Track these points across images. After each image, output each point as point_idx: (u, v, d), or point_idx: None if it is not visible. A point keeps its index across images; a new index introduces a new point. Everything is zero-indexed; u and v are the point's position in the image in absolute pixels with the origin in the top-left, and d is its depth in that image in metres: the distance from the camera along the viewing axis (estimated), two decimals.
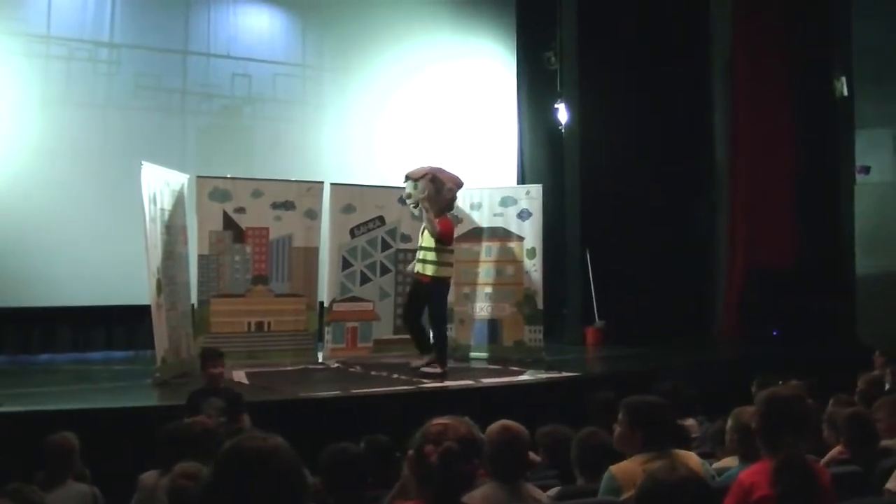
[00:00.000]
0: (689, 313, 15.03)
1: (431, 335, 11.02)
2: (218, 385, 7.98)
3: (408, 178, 11.05)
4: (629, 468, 4.66)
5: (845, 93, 14.62)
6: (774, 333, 14.17)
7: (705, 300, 15.44)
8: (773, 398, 4.36)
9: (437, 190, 10.85)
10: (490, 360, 12.26)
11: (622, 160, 14.54)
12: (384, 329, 12.43)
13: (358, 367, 11.51)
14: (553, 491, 5.08)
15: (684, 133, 15.41)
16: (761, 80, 14.96)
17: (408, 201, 11.26)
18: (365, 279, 12.29)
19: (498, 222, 12.64)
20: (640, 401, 5.01)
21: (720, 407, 6.81)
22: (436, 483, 3.32)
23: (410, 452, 3.43)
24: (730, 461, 5.65)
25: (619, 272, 14.35)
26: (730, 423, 5.42)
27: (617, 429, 4.95)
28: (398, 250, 12.53)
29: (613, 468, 4.77)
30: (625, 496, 4.47)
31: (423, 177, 10.89)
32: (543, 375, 11.21)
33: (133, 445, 6.89)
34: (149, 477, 5.70)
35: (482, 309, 12.64)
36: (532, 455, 5.51)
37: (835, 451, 5.76)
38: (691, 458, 4.89)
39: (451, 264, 11.04)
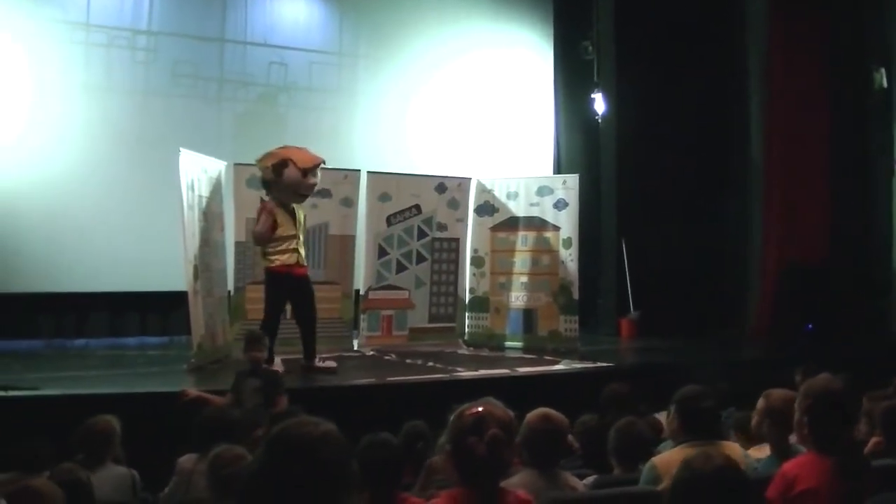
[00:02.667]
0: (723, 306, 14.93)
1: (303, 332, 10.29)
2: (259, 368, 8.06)
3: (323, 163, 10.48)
4: (671, 459, 4.65)
5: (885, 84, 14.46)
6: (808, 327, 14.05)
7: (739, 293, 15.32)
8: (825, 392, 4.31)
9: None
10: (525, 350, 12.28)
11: (658, 151, 14.46)
12: (419, 317, 12.48)
13: (393, 356, 11.56)
14: (589, 480, 5.08)
15: (720, 124, 15.30)
16: (797, 71, 14.78)
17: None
18: (401, 267, 12.35)
19: (534, 212, 12.64)
20: (685, 392, 5.01)
21: (751, 400, 6.77)
22: (481, 472, 3.32)
23: (447, 446, 3.42)
24: (756, 451, 5.63)
25: (655, 264, 14.27)
26: (760, 404, 5.36)
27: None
28: (434, 239, 12.56)
29: (655, 459, 4.76)
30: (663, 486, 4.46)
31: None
32: (578, 365, 11.19)
33: (169, 430, 6.94)
34: (186, 461, 5.75)
35: (517, 298, 12.65)
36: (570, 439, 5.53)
37: (872, 443, 5.73)
38: (734, 448, 4.87)
39: None
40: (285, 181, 9.98)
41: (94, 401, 7.59)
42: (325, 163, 10.56)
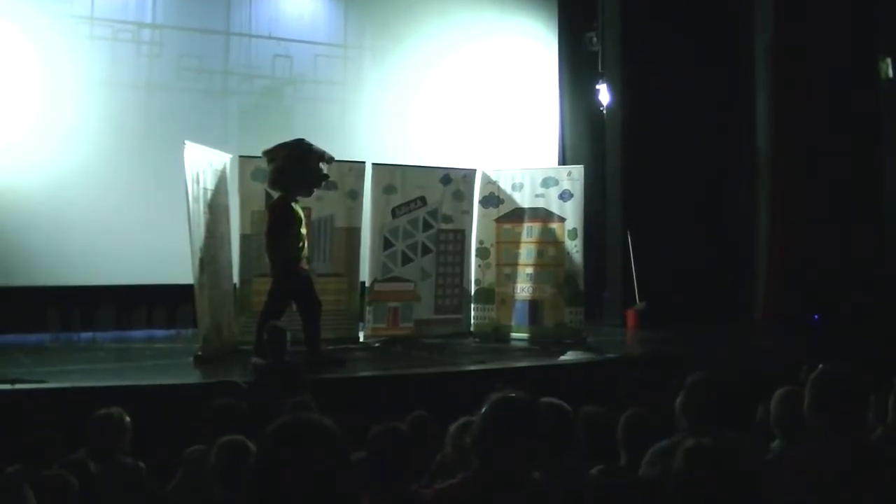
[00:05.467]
0: (730, 297, 14.91)
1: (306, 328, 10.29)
2: (283, 362, 8.14)
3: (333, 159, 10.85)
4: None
5: (890, 75, 14.42)
6: (815, 318, 14.03)
7: (746, 284, 15.31)
8: (835, 380, 4.31)
9: None
10: (530, 341, 12.29)
11: (664, 142, 14.45)
12: (425, 309, 12.46)
13: (399, 347, 11.59)
14: (596, 470, 5.08)
15: (727, 115, 15.28)
16: (804, 62, 14.77)
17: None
18: (406, 259, 12.33)
19: (539, 203, 12.63)
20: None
21: (759, 391, 6.76)
22: (499, 463, 3.32)
23: (471, 437, 3.43)
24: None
25: (660, 254, 14.25)
26: (773, 401, 5.40)
27: None
28: (439, 230, 12.55)
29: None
30: None
31: None
32: (583, 357, 11.19)
33: (176, 422, 6.95)
34: (194, 453, 5.76)
35: (523, 290, 12.64)
36: None
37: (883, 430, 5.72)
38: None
39: None
40: (310, 163, 10.24)
41: (102, 393, 7.59)
42: (334, 159, 10.76)
